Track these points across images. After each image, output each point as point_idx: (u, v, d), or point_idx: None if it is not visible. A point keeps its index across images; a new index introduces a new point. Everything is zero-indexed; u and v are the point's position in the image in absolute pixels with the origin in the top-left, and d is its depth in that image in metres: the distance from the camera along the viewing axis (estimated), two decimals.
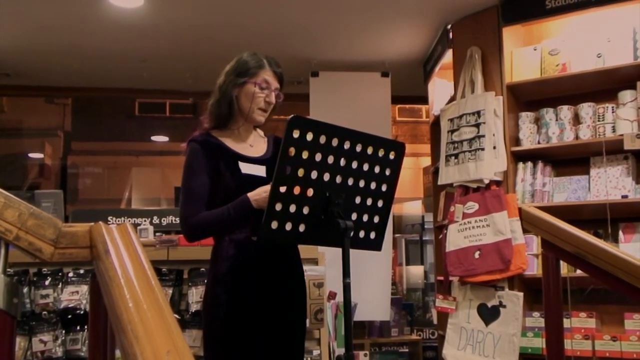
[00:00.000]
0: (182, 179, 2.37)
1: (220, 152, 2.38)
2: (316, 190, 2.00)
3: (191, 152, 2.38)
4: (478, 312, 4.00)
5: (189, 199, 2.32)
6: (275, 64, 2.46)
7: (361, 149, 2.08)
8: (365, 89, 5.53)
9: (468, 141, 4.13)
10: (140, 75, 5.93)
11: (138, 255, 1.29)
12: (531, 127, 4.11)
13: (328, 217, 2.01)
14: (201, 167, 2.34)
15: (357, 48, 5.31)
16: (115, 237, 1.34)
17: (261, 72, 2.42)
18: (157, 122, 11.20)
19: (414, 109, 10.87)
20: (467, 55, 4.29)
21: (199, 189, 2.32)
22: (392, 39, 5.09)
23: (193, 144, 2.39)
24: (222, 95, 2.42)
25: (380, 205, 2.20)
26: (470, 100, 4.19)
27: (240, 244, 2.31)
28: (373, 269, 5.10)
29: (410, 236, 7.62)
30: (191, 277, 3.33)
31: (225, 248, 2.32)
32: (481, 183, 4.05)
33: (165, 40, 5.10)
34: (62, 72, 5.89)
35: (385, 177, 2.18)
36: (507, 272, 3.87)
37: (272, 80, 2.43)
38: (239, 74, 2.41)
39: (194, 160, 2.36)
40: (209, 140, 2.40)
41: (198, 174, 2.34)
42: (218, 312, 2.29)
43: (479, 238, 3.99)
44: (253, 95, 2.40)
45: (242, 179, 2.34)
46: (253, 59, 2.43)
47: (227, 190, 2.32)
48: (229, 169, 2.35)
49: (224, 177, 2.34)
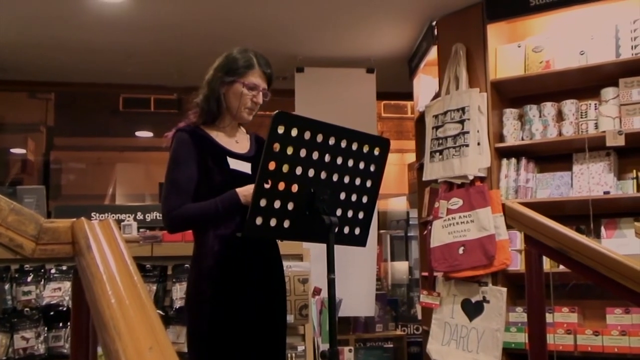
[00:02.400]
0: (167, 169, 2.33)
1: (209, 145, 2.37)
2: (301, 186, 2.00)
3: (179, 141, 2.35)
4: (462, 307, 4.02)
5: (173, 191, 2.29)
6: (265, 63, 2.44)
7: (346, 145, 2.07)
8: (350, 85, 5.52)
9: (452, 137, 4.14)
10: (125, 70, 5.89)
11: (120, 251, 1.28)
12: (515, 123, 4.12)
13: (313, 213, 2.01)
14: (188, 158, 2.32)
15: (343, 44, 5.31)
16: (98, 232, 1.33)
17: (250, 73, 2.40)
18: (142, 117, 11.12)
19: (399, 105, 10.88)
20: (452, 52, 4.30)
21: (185, 181, 2.30)
22: (377, 35, 5.10)
23: (181, 134, 2.36)
24: (210, 91, 2.41)
25: (365, 201, 2.20)
26: (454, 96, 4.20)
27: (225, 239, 2.30)
28: (358, 264, 5.11)
29: (395, 232, 7.64)
30: (175, 273, 3.31)
31: (211, 244, 2.31)
32: (465, 179, 4.06)
33: (150, 34, 5.07)
34: (45, 67, 5.84)
35: (370, 173, 2.18)
36: (491, 268, 3.89)
37: (260, 81, 2.42)
38: (228, 72, 2.40)
39: (181, 150, 2.33)
40: (197, 132, 2.39)
41: (185, 166, 2.31)
42: (203, 308, 2.28)
43: (463, 234, 4.00)
44: (241, 95, 2.39)
45: (230, 174, 2.33)
46: (243, 57, 2.42)
47: (213, 185, 2.30)
48: (216, 164, 2.34)
49: (211, 171, 2.32)
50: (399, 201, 8.50)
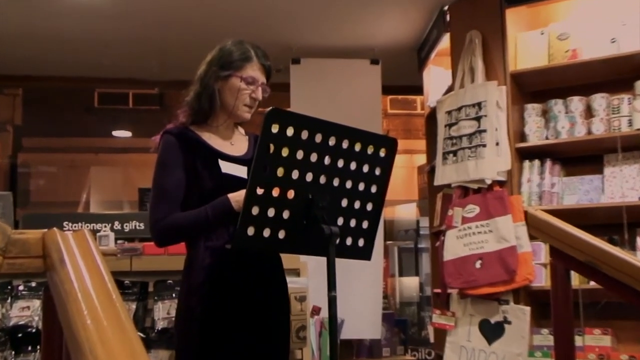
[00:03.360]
0: (154, 176, 2.35)
1: (198, 147, 2.38)
2: (298, 191, 2.00)
3: (165, 145, 2.37)
4: (480, 329, 4.02)
5: (161, 199, 2.31)
6: (263, 55, 2.46)
7: (348, 145, 2.08)
8: (352, 78, 5.53)
9: (468, 137, 4.14)
10: (100, 63, 5.90)
11: (97, 265, 1.29)
12: (538, 120, 4.13)
13: (311, 222, 2.01)
14: (176, 162, 2.33)
15: (344, 32, 5.32)
16: (72, 245, 1.33)
17: (247, 66, 2.42)
18: (119, 115, 11.12)
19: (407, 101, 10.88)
20: (466, 41, 4.31)
21: (173, 187, 2.31)
22: (382, 22, 5.11)
23: (168, 137, 2.38)
24: (203, 88, 2.42)
25: (370, 209, 2.21)
26: (469, 90, 4.21)
27: (217, 251, 2.30)
28: (362, 280, 5.11)
29: (403, 243, 7.64)
30: (157, 291, 3.31)
31: (201, 256, 2.31)
32: (482, 184, 4.07)
33: (128, 22, 5.08)
34: (11, 59, 5.85)
35: (375, 177, 2.18)
36: (512, 284, 3.89)
37: (258, 75, 2.44)
38: (223, 65, 2.41)
39: (169, 154, 2.35)
40: (187, 133, 2.40)
41: (172, 171, 2.33)
42: (192, 327, 2.28)
43: (480, 245, 4.01)
44: (238, 90, 2.41)
45: (222, 179, 2.34)
46: (239, 50, 2.43)
47: (203, 191, 2.31)
48: (207, 167, 2.35)
49: (201, 176, 2.33)
50: (408, 208, 8.49)
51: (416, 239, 7.69)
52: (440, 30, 4.82)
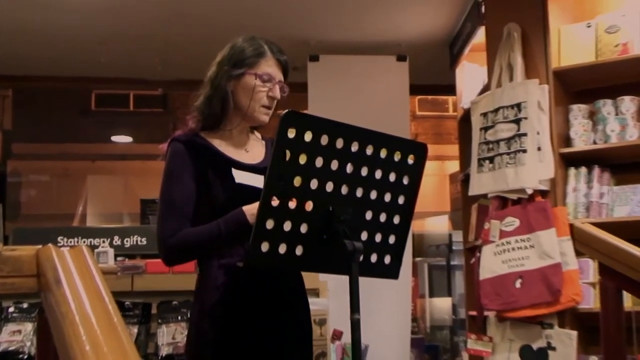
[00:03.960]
0: (162, 188, 2.37)
1: (210, 155, 2.39)
2: (317, 203, 2.01)
3: (173, 153, 2.39)
4: (520, 355, 4.00)
5: (169, 214, 2.33)
6: (278, 50, 2.48)
7: (372, 151, 2.08)
8: (376, 76, 5.54)
9: (506, 141, 4.13)
10: (98, 61, 5.94)
11: (96, 285, 1.30)
12: (584, 123, 4.11)
13: (331, 237, 2.02)
14: (186, 173, 2.35)
15: (367, 25, 5.33)
16: (68, 262, 1.34)
17: (262, 62, 2.43)
18: (119, 118, 11.21)
19: (437, 101, 10.89)
20: (504, 34, 4.30)
21: (182, 200, 2.33)
22: (410, 14, 5.11)
23: (176, 144, 2.40)
24: (213, 90, 2.43)
25: (397, 222, 2.20)
26: (508, 90, 4.20)
27: (232, 270, 2.31)
28: (388, 301, 5.10)
29: (434, 260, 7.63)
30: (161, 313, 3.33)
31: (214, 275, 2.33)
32: (522, 193, 4.05)
33: (129, 17, 5.12)
34: (0, 58, 5.91)
35: (402, 187, 2.18)
36: (557, 306, 3.87)
37: (275, 71, 2.45)
38: (235, 63, 2.43)
39: (177, 164, 2.37)
40: (196, 140, 2.42)
41: (181, 182, 2.34)
42: (204, 353, 2.30)
43: (520, 262, 3.99)
44: (253, 89, 2.42)
45: (235, 189, 2.35)
46: (251, 46, 2.45)
47: (216, 204, 2.32)
48: (219, 177, 2.36)
49: (213, 186, 2.34)
50: (439, 221, 8.49)
51: (448, 255, 7.67)
52: (474, 22, 4.81)
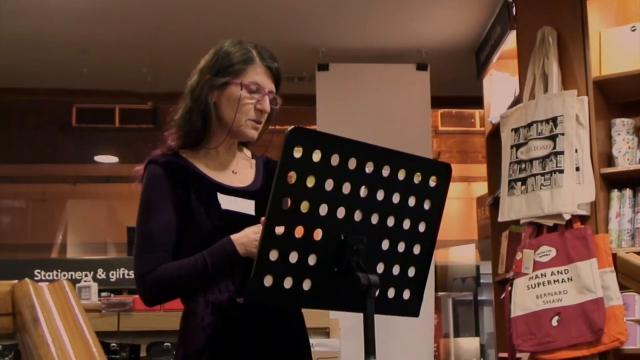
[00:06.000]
0: (138, 218, 2.36)
1: (192, 178, 2.38)
2: (327, 231, 2.01)
3: (150, 178, 2.37)
4: None
5: (147, 247, 2.32)
6: (269, 56, 2.46)
7: (389, 172, 2.09)
8: (394, 87, 5.55)
9: (540, 160, 4.13)
10: (80, 72, 5.97)
11: (79, 324, 1.30)
12: (629, 139, 4.11)
13: (344, 270, 2.02)
14: (165, 199, 2.34)
15: (382, 31, 5.34)
16: (47, 299, 1.35)
17: (250, 69, 2.41)
18: (103, 135, 11.23)
19: (463, 115, 10.88)
20: (538, 39, 4.32)
21: (161, 232, 2.32)
22: (431, 17, 5.13)
23: (153, 167, 2.38)
24: (194, 102, 2.41)
25: (417, 252, 2.20)
26: (542, 102, 4.20)
27: (220, 308, 2.30)
28: (408, 342, 5.08)
29: (460, 295, 7.60)
30: (151, 356, 3.33)
31: (200, 314, 2.31)
32: (559, 219, 4.05)
33: (115, 23, 5.15)
34: None
35: (423, 213, 2.19)
36: (599, 346, 3.85)
37: (264, 80, 2.43)
38: (219, 71, 2.41)
39: (155, 190, 2.36)
40: (176, 162, 2.41)
41: (160, 211, 2.34)
42: None
43: (557, 298, 3.98)
44: (239, 101, 2.40)
45: (222, 217, 2.34)
46: (238, 51, 2.43)
47: (200, 234, 2.32)
48: (203, 204, 2.35)
49: (196, 214, 2.33)
50: (465, 251, 8.46)
51: (476, 289, 7.64)
52: (504, 26, 4.82)
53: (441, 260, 8.09)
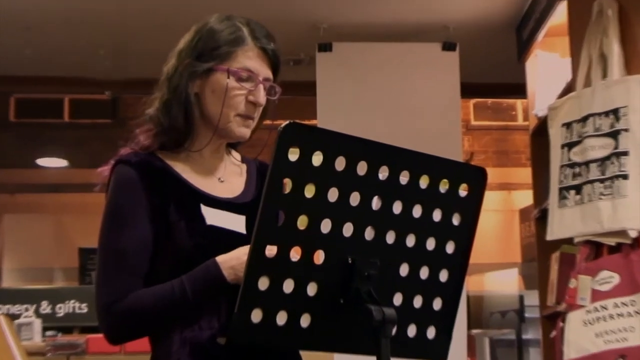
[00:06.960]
0: (102, 232, 2.34)
1: (171, 186, 2.38)
2: (330, 253, 2.01)
3: (120, 182, 2.36)
4: None
5: (114, 269, 2.30)
6: (265, 35, 2.44)
7: (409, 180, 2.09)
8: (413, 72, 5.57)
9: (599, 163, 4.14)
10: (21, 54, 5.99)
11: None
12: None
13: (352, 302, 2.02)
14: (137, 210, 2.33)
15: (398, 2, 5.35)
16: None
17: (240, 52, 2.40)
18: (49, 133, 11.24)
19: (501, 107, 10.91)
20: (594, 12, 4.32)
21: (133, 250, 2.31)
22: None
23: (123, 168, 2.36)
24: (172, 92, 2.41)
25: (445, 280, 2.21)
26: (600, 90, 4.21)
27: (201, 348, 2.31)
28: None
29: (499, 333, 7.61)
30: None
31: (175, 355, 2.32)
32: (624, 237, 4.05)
33: None
34: None
35: (452, 229, 2.19)
36: None
37: (258, 65, 2.42)
38: (202, 54, 2.40)
39: (126, 196, 2.34)
40: (152, 163, 2.40)
41: (132, 224, 2.32)
42: None
43: (622, 336, 3.98)
44: (226, 91, 2.40)
45: (207, 234, 2.34)
46: (226, 28, 2.42)
47: (179, 254, 2.32)
48: (184, 217, 2.34)
49: (176, 230, 2.33)
50: (506, 277, 8.47)
51: (519, 325, 7.65)
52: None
53: (475, 290, 8.11)
